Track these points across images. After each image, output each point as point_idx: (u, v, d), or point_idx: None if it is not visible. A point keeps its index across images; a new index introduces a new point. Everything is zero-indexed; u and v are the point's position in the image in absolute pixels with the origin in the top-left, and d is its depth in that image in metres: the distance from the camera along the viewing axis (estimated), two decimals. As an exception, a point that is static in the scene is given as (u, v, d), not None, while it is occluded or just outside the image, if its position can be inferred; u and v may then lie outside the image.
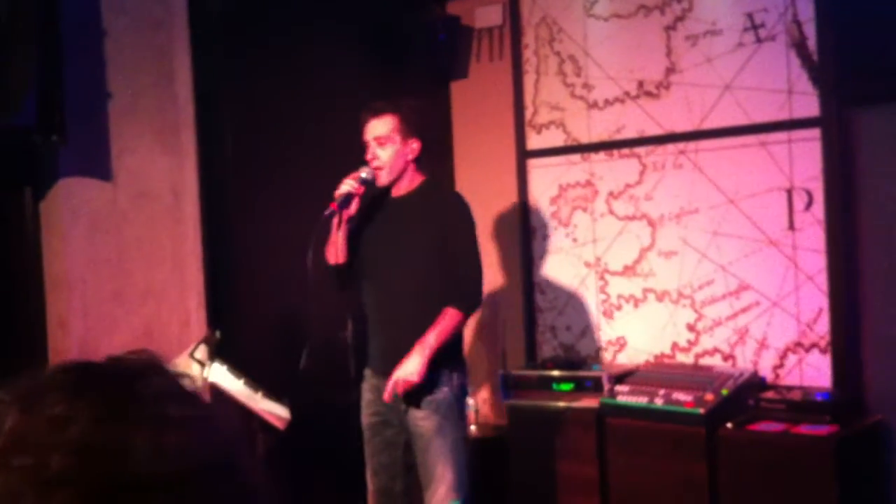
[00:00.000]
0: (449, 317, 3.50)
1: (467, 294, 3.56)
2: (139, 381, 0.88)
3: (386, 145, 3.57)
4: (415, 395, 3.49)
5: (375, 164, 3.57)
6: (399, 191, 3.68)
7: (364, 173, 3.56)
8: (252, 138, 4.38)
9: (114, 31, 3.89)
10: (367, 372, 3.72)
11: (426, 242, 3.56)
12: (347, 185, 3.54)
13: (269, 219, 4.40)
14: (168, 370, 0.93)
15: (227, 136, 4.31)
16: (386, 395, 3.47)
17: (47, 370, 0.88)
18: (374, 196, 3.69)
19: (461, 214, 3.63)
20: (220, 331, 4.09)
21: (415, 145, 3.62)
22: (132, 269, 3.95)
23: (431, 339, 3.46)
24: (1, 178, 3.71)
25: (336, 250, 3.62)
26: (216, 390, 3.99)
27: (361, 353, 3.74)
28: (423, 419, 3.51)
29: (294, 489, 4.29)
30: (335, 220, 3.56)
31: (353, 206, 3.58)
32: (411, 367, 3.42)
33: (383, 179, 3.61)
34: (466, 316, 3.58)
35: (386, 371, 3.55)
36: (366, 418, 3.70)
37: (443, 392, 3.53)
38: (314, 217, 3.57)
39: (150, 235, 4.02)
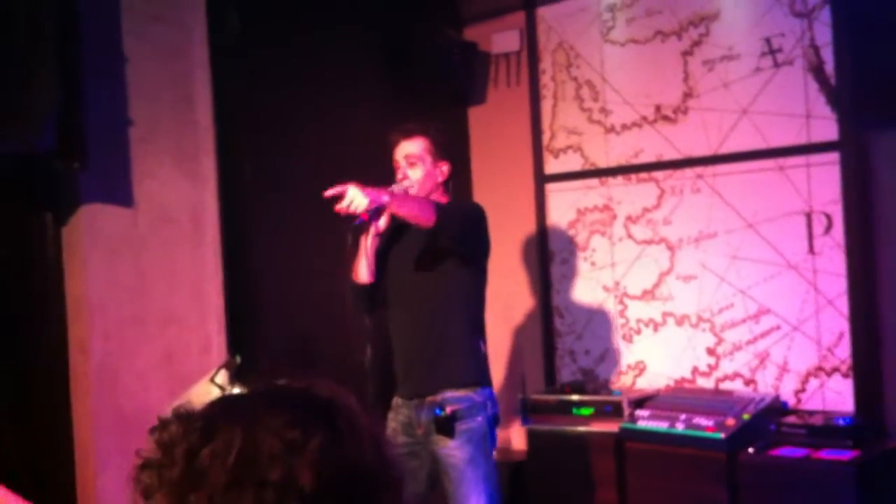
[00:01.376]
0: (425, 202, 3.37)
1: (449, 213, 3.39)
2: (341, 405, 1.01)
3: (416, 165, 3.57)
4: (448, 424, 3.44)
5: (405, 183, 3.54)
6: None
7: (397, 189, 3.49)
8: (271, 163, 4.40)
9: (134, 57, 3.92)
10: (396, 400, 3.64)
11: (450, 262, 3.53)
12: (380, 195, 3.45)
13: (288, 243, 4.41)
14: (347, 396, 1.06)
15: (247, 160, 4.33)
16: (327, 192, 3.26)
17: (252, 393, 1.03)
18: (399, 223, 3.62)
19: (474, 215, 3.55)
20: (240, 355, 4.09)
21: (444, 168, 3.62)
22: (152, 293, 3.96)
23: (396, 189, 3.40)
24: (23, 204, 3.74)
25: (364, 268, 3.54)
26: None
27: (380, 378, 3.73)
28: (456, 449, 3.44)
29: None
30: (364, 235, 3.46)
31: (384, 222, 3.45)
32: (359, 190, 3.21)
33: None
34: (433, 218, 3.29)
35: (412, 394, 3.54)
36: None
37: (477, 421, 3.47)
38: (335, 241, 3.56)
39: (170, 260, 4.04)
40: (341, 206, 3.21)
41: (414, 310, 3.58)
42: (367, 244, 3.51)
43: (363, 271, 3.55)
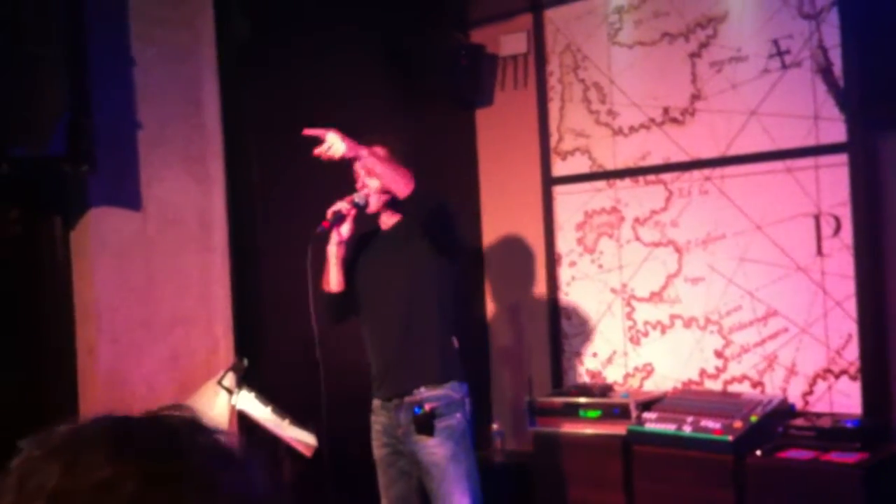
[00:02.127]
0: (403, 170, 3.41)
1: (421, 189, 3.40)
2: (183, 440, 0.86)
3: (372, 176, 3.55)
4: (428, 423, 3.47)
5: (365, 190, 3.58)
6: (385, 225, 3.69)
7: (357, 198, 3.56)
8: (279, 166, 4.41)
9: (142, 60, 3.94)
10: (375, 403, 3.68)
11: (417, 265, 3.55)
12: (339, 205, 3.55)
13: (296, 246, 4.41)
14: (208, 427, 0.90)
15: (254, 164, 4.35)
16: (305, 131, 3.36)
17: (83, 424, 0.85)
18: (367, 232, 3.71)
19: (434, 206, 3.50)
20: (247, 358, 4.11)
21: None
22: (160, 296, 3.97)
23: (379, 152, 3.43)
24: (31, 207, 3.76)
25: (333, 276, 3.63)
26: (244, 417, 4.00)
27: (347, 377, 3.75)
28: (436, 446, 3.47)
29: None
30: (330, 243, 3.58)
31: (347, 230, 3.58)
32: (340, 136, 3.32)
33: (373, 206, 3.60)
34: (411, 186, 3.35)
35: (390, 395, 3.55)
36: (377, 450, 3.65)
37: (456, 418, 3.50)
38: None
39: (178, 263, 4.05)
40: (320, 150, 3.33)
41: (385, 311, 3.60)
42: (333, 252, 3.61)
43: (333, 280, 3.63)
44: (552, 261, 5.15)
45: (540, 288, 5.19)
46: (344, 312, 3.70)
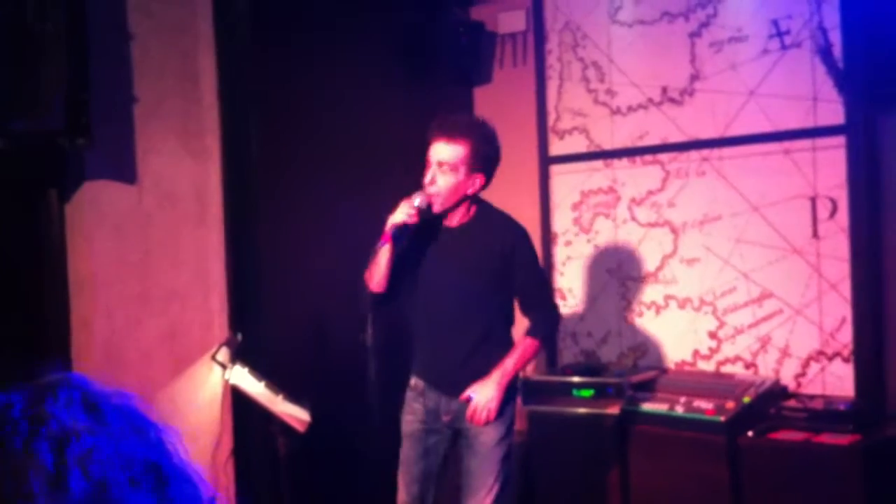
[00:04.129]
0: (528, 346, 3.53)
1: (546, 324, 3.59)
2: (43, 404, 0.85)
3: (448, 174, 3.37)
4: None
5: (431, 189, 3.38)
6: (453, 221, 3.51)
7: (417, 201, 3.36)
8: (276, 140, 4.40)
9: (139, 33, 3.92)
10: (415, 381, 3.63)
11: (489, 271, 3.48)
12: (402, 214, 3.34)
13: (292, 221, 4.42)
14: (80, 386, 0.88)
15: (252, 138, 4.33)
16: (477, 419, 3.44)
17: None
18: (428, 224, 3.48)
19: (528, 245, 3.56)
20: (241, 333, 4.12)
21: (479, 181, 3.43)
22: (156, 271, 3.97)
23: (510, 367, 3.47)
24: (27, 181, 3.75)
25: (378, 277, 3.47)
26: (238, 392, 4.01)
27: (383, 357, 3.73)
28: (489, 430, 3.47)
29: (311, 493, 4.30)
30: (384, 249, 3.40)
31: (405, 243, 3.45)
32: (490, 394, 3.42)
33: (437, 207, 3.41)
34: (546, 343, 3.67)
35: (447, 390, 3.54)
36: (408, 425, 3.61)
37: (510, 406, 3.54)
38: (340, 220, 3.57)
39: (174, 237, 4.05)
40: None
41: (452, 313, 3.52)
42: (386, 255, 3.43)
43: (379, 281, 3.48)
44: (548, 240, 5.15)
45: (536, 267, 5.19)
46: (384, 306, 3.59)
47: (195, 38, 4.16)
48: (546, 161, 5.17)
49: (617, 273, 4.92)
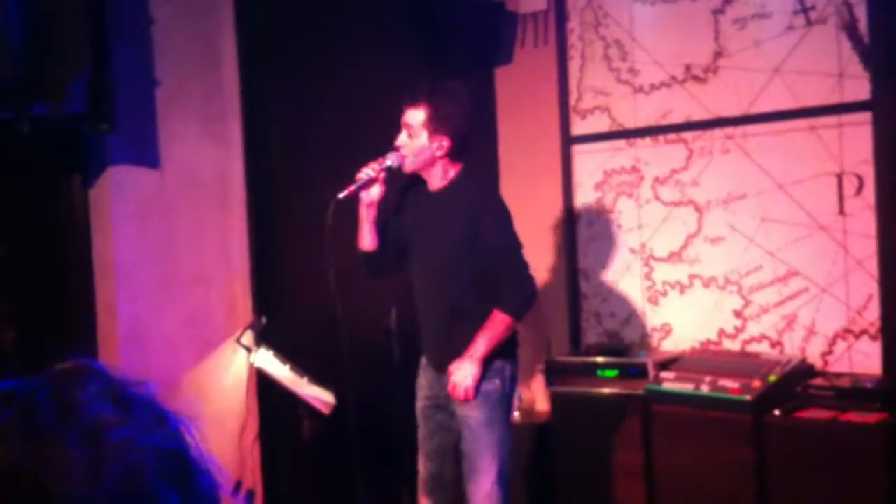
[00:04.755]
0: (497, 321, 3.46)
1: (514, 296, 3.50)
2: (72, 392, 0.82)
3: (413, 137, 3.52)
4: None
5: (402, 151, 3.54)
6: (434, 185, 3.63)
7: (389, 160, 3.52)
8: (298, 125, 4.40)
9: (161, 18, 3.92)
10: (422, 358, 3.74)
11: (458, 239, 3.53)
12: (365, 173, 3.51)
13: (314, 205, 4.41)
14: (104, 375, 0.86)
15: (274, 122, 4.33)
16: (455, 395, 3.47)
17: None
18: (417, 189, 3.67)
19: (493, 209, 3.55)
20: (265, 317, 4.13)
21: (444, 142, 3.51)
22: (179, 255, 3.99)
23: (480, 347, 3.45)
24: (51, 166, 3.77)
25: (366, 235, 3.64)
26: (263, 375, 4.03)
27: (406, 340, 3.75)
28: (473, 409, 3.51)
29: (340, 474, 4.31)
30: (361, 205, 3.57)
31: (378, 192, 3.54)
32: (465, 372, 3.43)
33: (407, 167, 3.55)
34: (517, 318, 3.52)
35: (435, 363, 3.61)
36: (419, 402, 3.72)
37: (494, 384, 3.52)
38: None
39: (197, 222, 4.06)
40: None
41: (428, 281, 3.61)
42: (364, 214, 3.60)
43: (365, 239, 3.64)
44: (571, 221, 5.13)
45: (558, 248, 5.18)
46: (380, 269, 3.70)
47: (217, 22, 4.16)
48: (568, 141, 5.14)
49: (640, 253, 4.90)
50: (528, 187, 5.20)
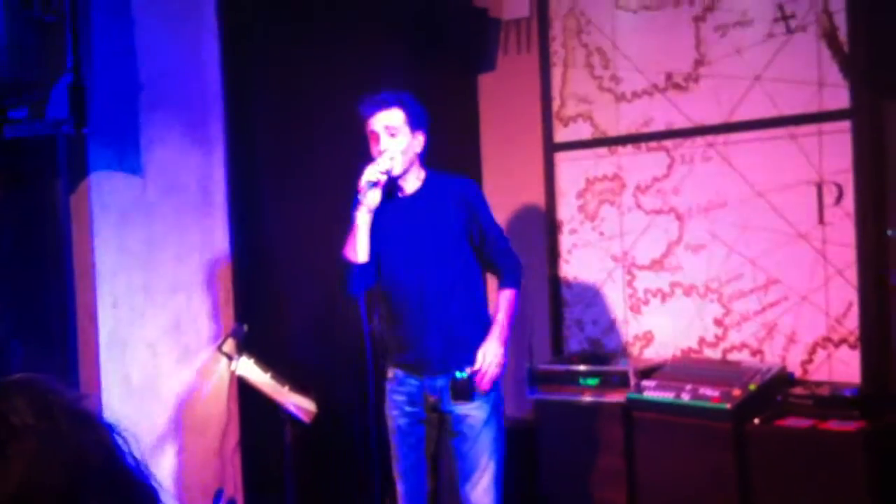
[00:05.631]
0: (510, 297, 3.61)
1: (514, 270, 3.66)
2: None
3: (397, 136, 3.53)
4: (468, 388, 3.50)
5: (387, 154, 3.50)
6: (409, 188, 3.63)
7: (383, 164, 3.48)
8: (281, 130, 4.39)
9: (143, 21, 3.90)
10: (395, 371, 3.65)
11: (456, 228, 3.56)
12: (371, 174, 3.47)
13: (297, 212, 4.40)
14: (38, 389, 0.89)
15: (257, 128, 4.32)
16: (485, 385, 3.49)
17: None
18: (385, 199, 3.58)
19: (482, 196, 3.73)
20: (247, 324, 4.11)
21: (421, 138, 3.60)
22: (161, 262, 3.96)
23: (504, 322, 3.56)
24: (30, 171, 3.74)
25: (364, 246, 3.52)
26: (244, 383, 4.01)
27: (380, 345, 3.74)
28: (475, 409, 3.52)
29: (318, 483, 4.30)
30: (360, 212, 3.48)
31: (377, 197, 3.51)
32: (495, 351, 3.50)
33: (397, 169, 3.53)
34: (519, 289, 3.67)
35: (426, 368, 3.56)
36: (394, 420, 3.64)
37: (495, 389, 3.57)
38: (344, 210, 3.57)
39: (178, 228, 4.04)
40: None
41: (418, 287, 3.56)
42: (365, 220, 3.51)
43: (362, 250, 3.53)
44: (553, 228, 5.14)
45: (540, 255, 5.18)
46: (368, 281, 3.62)
47: (200, 26, 4.14)
48: (551, 148, 5.15)
49: (622, 261, 4.91)
50: (511, 194, 5.20)
